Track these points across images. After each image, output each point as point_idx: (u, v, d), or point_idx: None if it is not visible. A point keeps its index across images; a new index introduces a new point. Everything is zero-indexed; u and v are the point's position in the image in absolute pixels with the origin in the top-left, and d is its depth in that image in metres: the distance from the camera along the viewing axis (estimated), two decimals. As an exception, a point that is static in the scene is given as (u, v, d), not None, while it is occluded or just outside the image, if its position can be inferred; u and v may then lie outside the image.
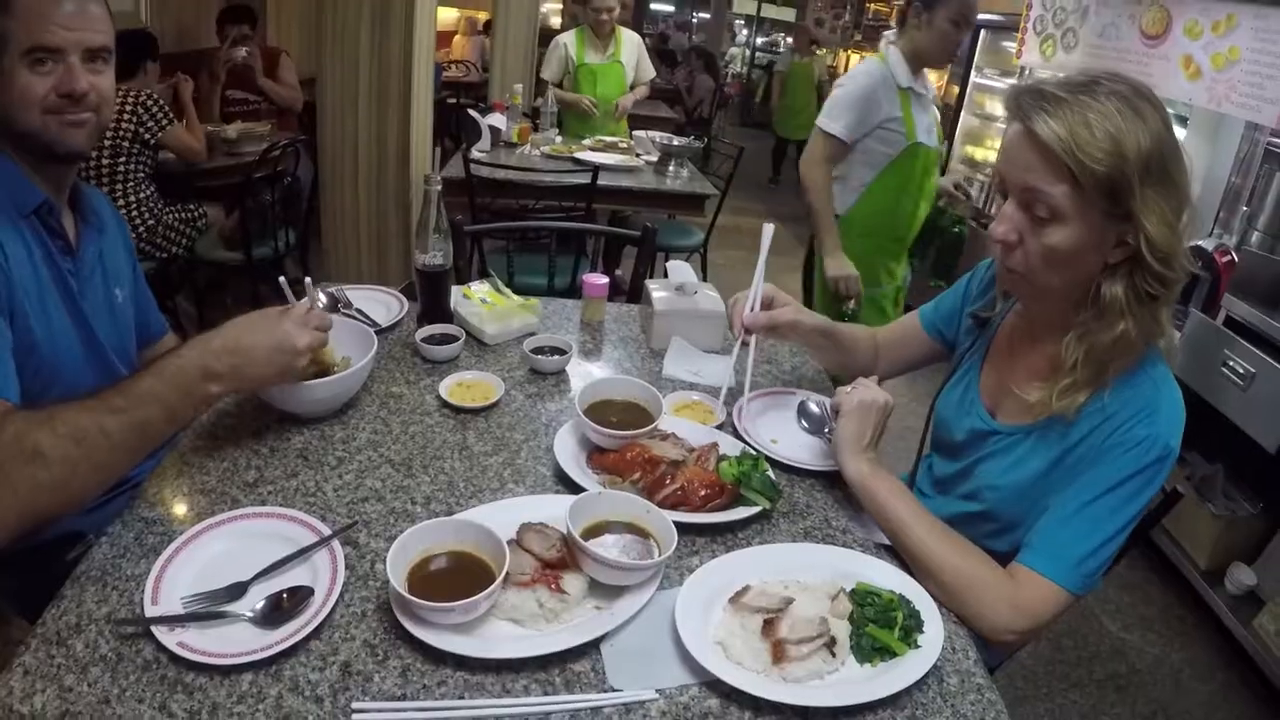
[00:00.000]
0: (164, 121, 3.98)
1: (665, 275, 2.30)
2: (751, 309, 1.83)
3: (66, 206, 1.67)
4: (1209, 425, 3.40)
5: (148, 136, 3.94)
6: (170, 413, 1.35)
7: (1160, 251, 1.32)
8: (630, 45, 6.10)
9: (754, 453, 1.60)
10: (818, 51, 12.56)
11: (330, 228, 4.74)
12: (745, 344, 1.87)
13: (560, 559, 1.26)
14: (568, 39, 5.92)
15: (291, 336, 1.46)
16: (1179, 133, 4.36)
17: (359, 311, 2.07)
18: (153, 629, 1.10)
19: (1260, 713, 3.03)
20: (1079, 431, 1.45)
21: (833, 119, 3.47)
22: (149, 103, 3.93)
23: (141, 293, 1.91)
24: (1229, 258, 3.57)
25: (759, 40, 18.19)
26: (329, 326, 1.57)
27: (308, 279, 1.79)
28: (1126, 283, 1.37)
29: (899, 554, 1.46)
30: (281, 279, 1.74)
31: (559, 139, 5.40)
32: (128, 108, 3.87)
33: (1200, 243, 3.74)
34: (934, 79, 7.45)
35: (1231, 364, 3.20)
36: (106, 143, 3.84)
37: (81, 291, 1.62)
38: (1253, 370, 3.10)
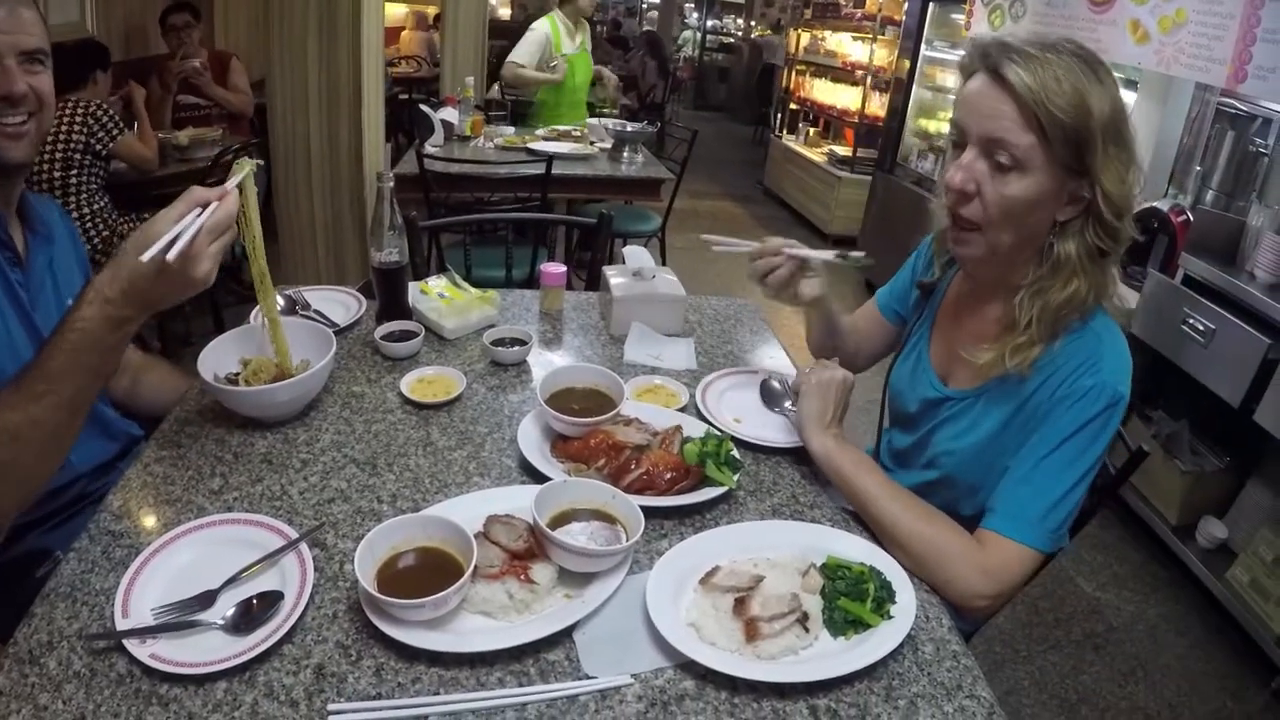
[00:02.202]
0: (115, 131, 3.93)
1: (623, 261, 2.30)
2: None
3: (15, 217, 1.64)
4: (1173, 382, 3.46)
5: (99, 148, 3.89)
6: (95, 374, 1.32)
7: (1115, 206, 1.37)
8: (588, 35, 6.14)
9: (718, 433, 1.61)
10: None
11: (286, 230, 4.70)
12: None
13: (528, 549, 1.26)
14: (545, 27, 5.88)
15: (194, 272, 1.29)
16: (1129, 96, 4.44)
17: (317, 313, 2.07)
18: (124, 642, 1.09)
19: (1237, 662, 3.09)
20: (1027, 389, 1.48)
21: None
22: (99, 113, 3.87)
23: None
24: (1184, 217, 3.62)
25: (710, 23, 18.18)
26: (228, 225, 1.35)
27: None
28: (1079, 240, 1.41)
29: (867, 526, 1.48)
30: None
31: (512, 130, 5.38)
32: (78, 119, 3.81)
33: (1155, 203, 3.79)
34: (884, 54, 7.51)
35: (1191, 321, 3.24)
36: (58, 155, 3.79)
37: (33, 303, 1.59)
38: (1212, 326, 3.14)
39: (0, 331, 1.50)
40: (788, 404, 1.72)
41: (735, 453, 1.56)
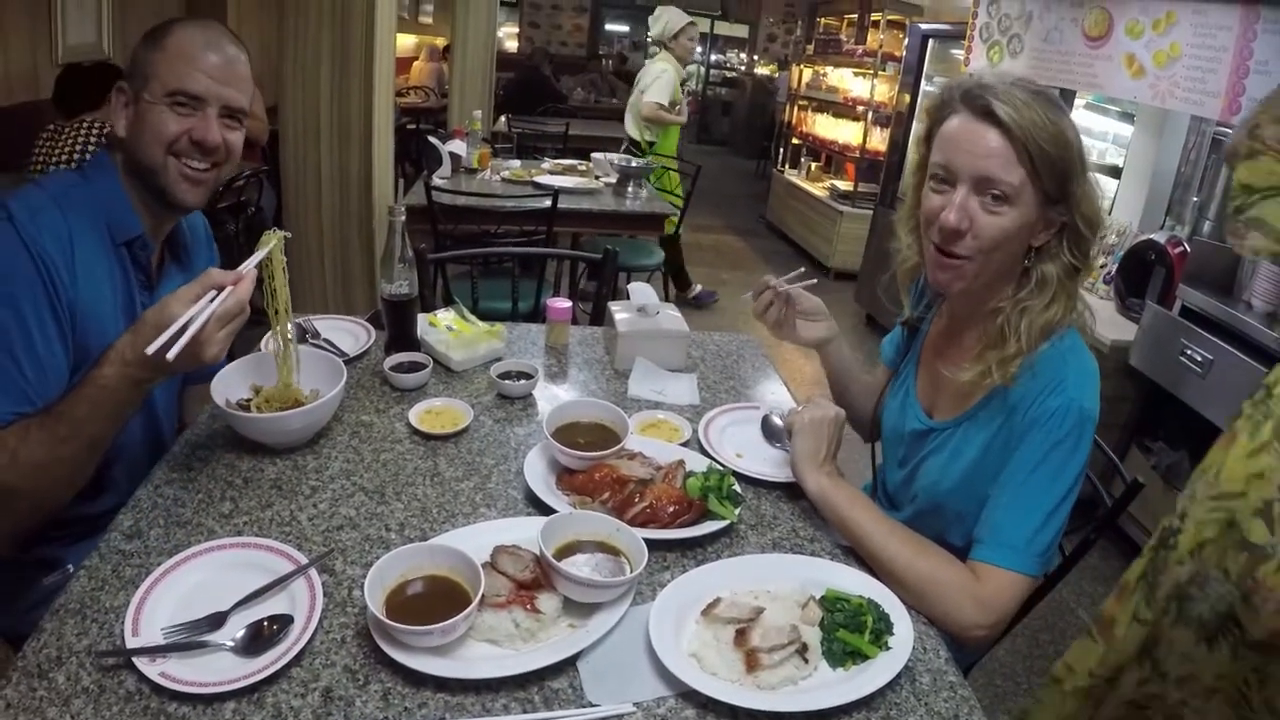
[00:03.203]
0: None
1: (627, 297, 2.33)
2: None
3: (159, 243, 1.72)
4: (1171, 413, 3.47)
5: None
6: (113, 421, 1.44)
7: (1091, 224, 1.46)
8: None
9: (719, 468, 1.63)
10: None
11: (295, 258, 4.71)
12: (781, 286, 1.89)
13: (534, 579, 1.28)
14: (670, 68, 6.38)
15: (202, 355, 1.37)
16: (1126, 129, 4.48)
17: (327, 342, 2.09)
18: (134, 660, 1.11)
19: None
20: (1002, 414, 1.53)
21: None
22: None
23: None
24: (1181, 248, 3.64)
25: (713, 57, 18.28)
26: (238, 312, 1.42)
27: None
28: (1057, 261, 1.49)
29: (864, 561, 1.50)
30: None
31: (518, 164, 5.42)
32: (93, 137, 3.83)
33: (1152, 235, 3.83)
34: (884, 89, 7.57)
35: (1189, 352, 3.27)
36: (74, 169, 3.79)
37: None
38: (1210, 357, 3.17)
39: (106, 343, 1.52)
40: (788, 440, 1.74)
41: (737, 487, 1.58)
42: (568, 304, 2.30)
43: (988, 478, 1.54)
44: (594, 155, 5.75)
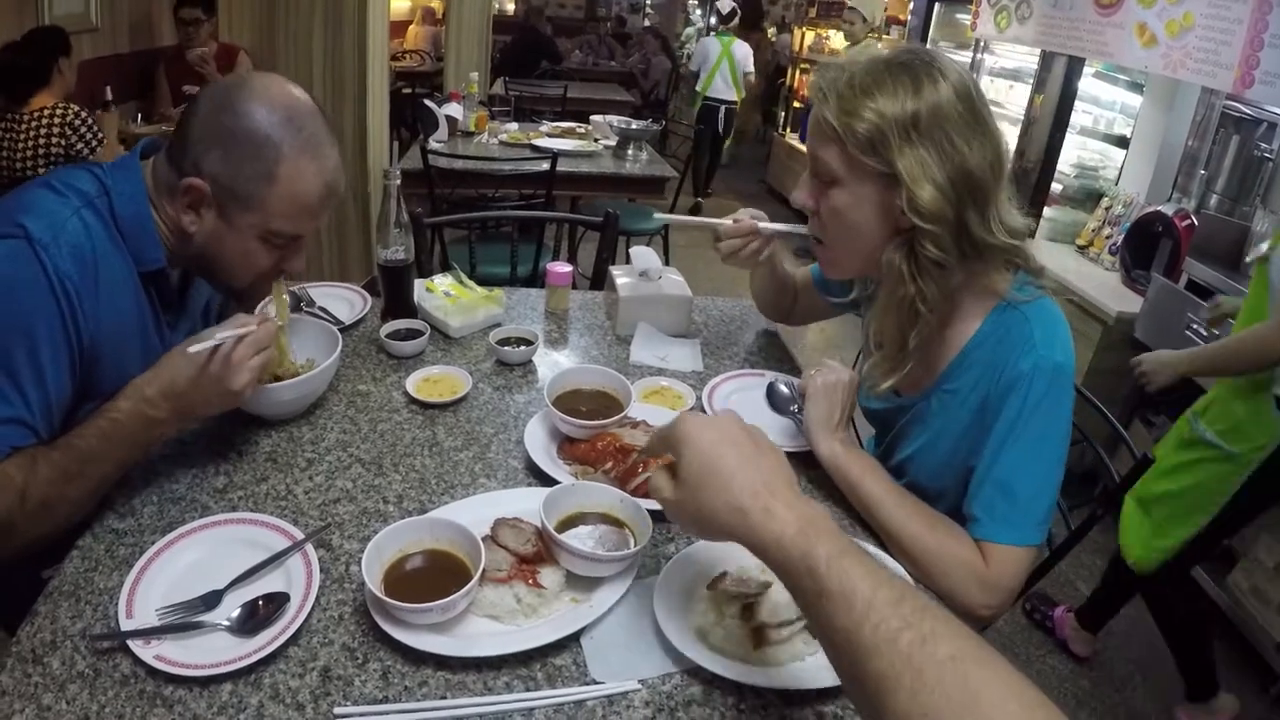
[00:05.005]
0: (93, 143, 3.77)
1: (628, 261, 2.29)
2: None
3: (179, 271, 1.67)
4: (1176, 387, 3.43)
5: (78, 159, 3.72)
6: (121, 463, 1.37)
7: (927, 210, 1.35)
8: None
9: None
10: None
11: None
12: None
13: (536, 553, 1.26)
14: None
15: (231, 380, 1.36)
16: (1134, 99, 4.43)
17: (322, 310, 2.06)
18: (129, 643, 1.09)
19: (1237, 668, 3.08)
20: (967, 387, 1.50)
21: None
22: (75, 121, 3.71)
23: None
24: (1188, 221, 3.61)
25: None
26: (267, 344, 1.44)
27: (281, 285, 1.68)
28: (906, 250, 1.42)
29: (874, 532, 1.47)
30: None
31: (516, 126, 5.38)
32: (55, 126, 3.67)
33: (1160, 207, 3.79)
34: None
35: (1195, 326, 3.24)
36: (39, 166, 3.65)
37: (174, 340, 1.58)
38: (1216, 332, 3.13)
39: (123, 373, 1.44)
40: (794, 408, 1.71)
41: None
42: (568, 268, 2.26)
43: (963, 451, 1.51)
44: (593, 118, 5.70)
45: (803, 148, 8.64)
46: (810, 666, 1.17)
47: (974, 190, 1.37)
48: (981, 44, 5.61)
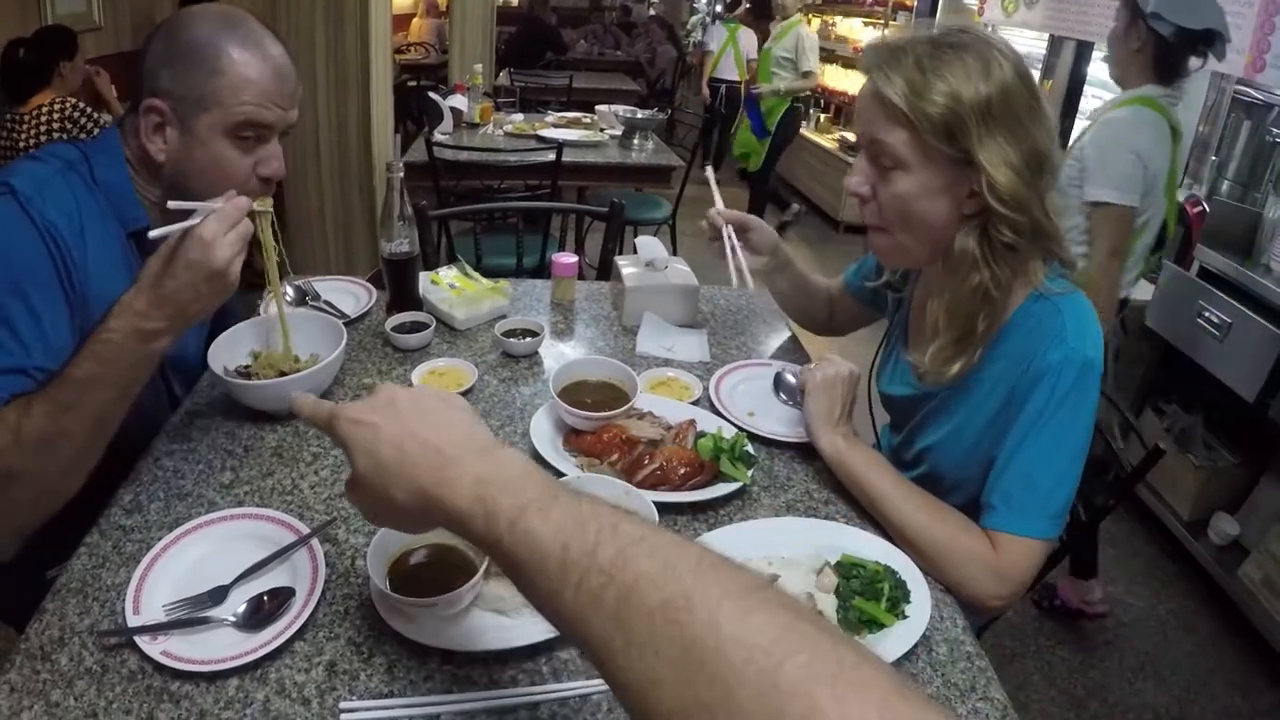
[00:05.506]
0: (94, 130, 3.77)
1: (634, 251, 2.29)
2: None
3: None
4: (1187, 376, 3.43)
5: None
6: (122, 389, 1.31)
7: (1007, 195, 1.33)
8: None
9: (732, 427, 1.60)
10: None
11: (295, 219, 4.69)
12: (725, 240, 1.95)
13: (542, 546, 1.25)
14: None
15: (210, 258, 1.26)
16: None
17: (327, 304, 2.06)
18: (136, 639, 1.09)
19: (1247, 660, 3.07)
20: (995, 376, 1.48)
21: None
22: (75, 114, 3.74)
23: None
24: (1200, 208, 3.59)
25: (718, 8, 18.09)
26: (238, 218, 1.32)
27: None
28: (980, 234, 1.39)
29: (880, 525, 1.47)
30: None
31: (521, 117, 5.37)
32: (55, 122, 3.70)
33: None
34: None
35: (1207, 315, 3.22)
36: None
37: None
38: (1228, 320, 3.12)
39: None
40: (801, 399, 1.71)
41: (749, 448, 1.55)
42: (574, 259, 2.26)
43: (988, 440, 1.49)
44: (599, 108, 5.69)
45: (812, 136, 8.62)
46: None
47: (1043, 171, 1.36)
48: (989, 29, 5.58)
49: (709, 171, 2.07)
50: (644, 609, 0.64)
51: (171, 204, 1.30)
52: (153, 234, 1.26)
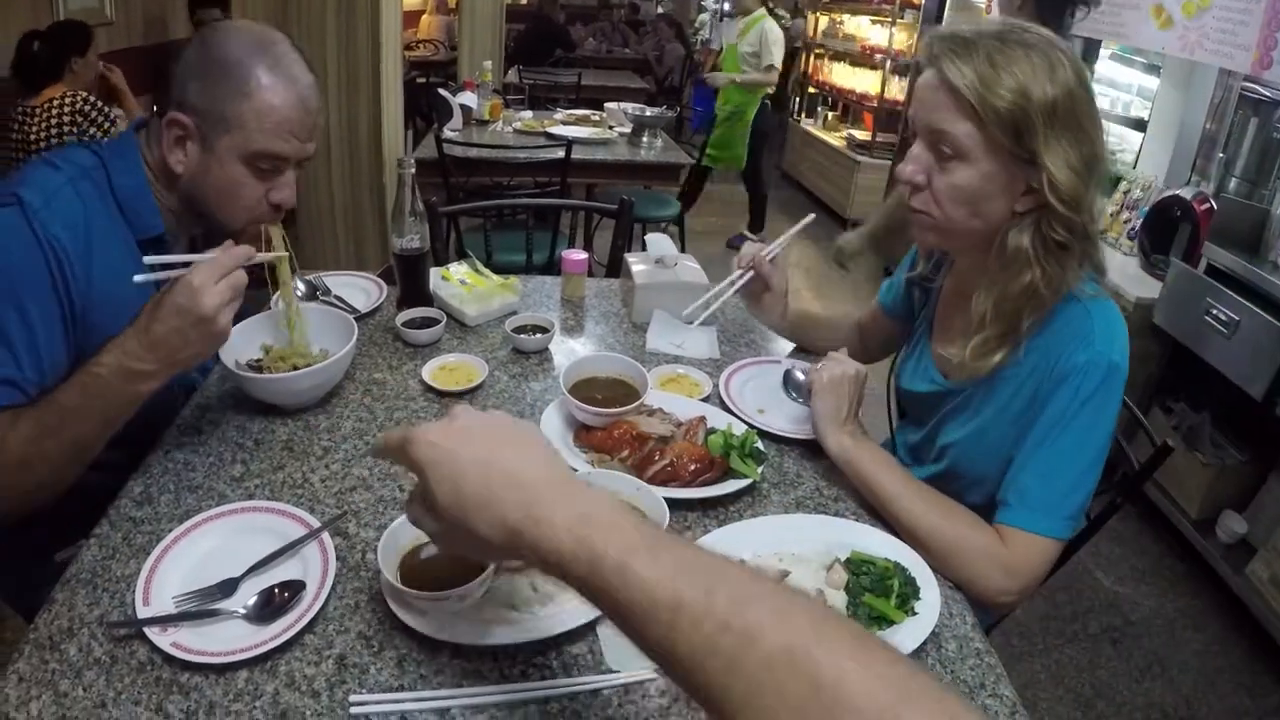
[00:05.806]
0: (105, 124, 3.78)
1: (644, 248, 2.28)
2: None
3: (185, 240, 1.67)
4: (1194, 374, 3.42)
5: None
6: (104, 423, 1.34)
7: (1067, 195, 1.33)
8: None
9: (742, 424, 1.59)
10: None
11: (306, 215, 4.70)
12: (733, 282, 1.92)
13: (552, 541, 1.25)
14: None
15: (196, 304, 1.28)
16: (1151, 81, 4.39)
17: (338, 299, 2.06)
18: (145, 630, 1.09)
19: (1255, 659, 3.06)
20: (1023, 374, 1.47)
21: None
22: (85, 107, 3.74)
23: None
24: (1207, 205, 3.57)
25: (725, 6, 18.05)
26: (233, 267, 1.34)
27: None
28: (1034, 232, 1.39)
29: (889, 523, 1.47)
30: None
31: (530, 115, 5.37)
32: (65, 115, 3.69)
33: (1178, 191, 3.75)
34: (903, 38, 7.48)
35: (1215, 312, 3.20)
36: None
37: None
38: (1236, 318, 3.10)
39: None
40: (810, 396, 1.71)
41: (759, 444, 1.55)
42: (583, 255, 2.26)
43: (1010, 439, 1.49)
44: (608, 105, 5.69)
45: (819, 134, 8.62)
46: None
47: (1096, 174, 1.36)
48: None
49: (810, 218, 2.01)
50: (762, 655, 0.64)
51: (148, 259, 1.33)
52: (137, 279, 1.29)
